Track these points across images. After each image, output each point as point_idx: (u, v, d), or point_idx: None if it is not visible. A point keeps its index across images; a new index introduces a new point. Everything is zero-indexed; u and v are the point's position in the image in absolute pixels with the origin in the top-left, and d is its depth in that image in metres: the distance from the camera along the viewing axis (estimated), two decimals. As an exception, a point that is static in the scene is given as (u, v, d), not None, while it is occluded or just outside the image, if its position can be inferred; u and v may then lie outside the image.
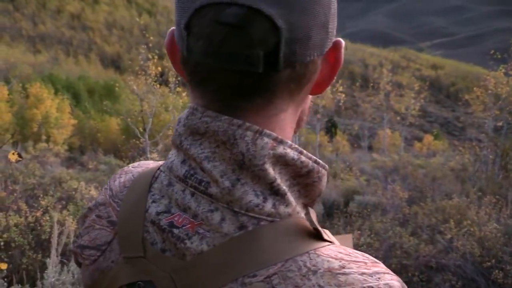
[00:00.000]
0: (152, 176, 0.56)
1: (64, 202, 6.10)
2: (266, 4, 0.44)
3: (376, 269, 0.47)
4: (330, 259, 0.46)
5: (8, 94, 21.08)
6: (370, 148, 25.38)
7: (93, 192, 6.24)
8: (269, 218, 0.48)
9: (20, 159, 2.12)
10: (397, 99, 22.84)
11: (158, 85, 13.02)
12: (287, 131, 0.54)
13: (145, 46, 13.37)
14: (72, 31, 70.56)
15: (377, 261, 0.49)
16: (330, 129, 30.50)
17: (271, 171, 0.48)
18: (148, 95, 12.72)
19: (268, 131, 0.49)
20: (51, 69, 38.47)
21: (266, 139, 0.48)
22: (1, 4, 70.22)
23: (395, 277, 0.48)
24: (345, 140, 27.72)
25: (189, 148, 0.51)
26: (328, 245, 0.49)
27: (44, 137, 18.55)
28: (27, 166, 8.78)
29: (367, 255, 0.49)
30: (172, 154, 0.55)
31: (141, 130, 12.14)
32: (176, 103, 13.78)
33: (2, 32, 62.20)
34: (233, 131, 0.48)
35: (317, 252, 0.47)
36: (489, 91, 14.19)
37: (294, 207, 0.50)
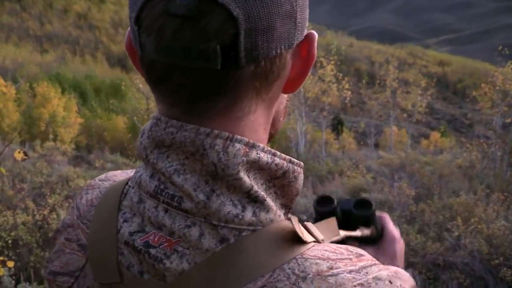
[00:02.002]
0: (121, 193, 0.53)
1: (71, 200, 6.14)
2: None
3: (361, 263, 0.45)
4: (318, 261, 0.44)
5: (16, 94, 21.22)
6: (376, 145, 25.28)
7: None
8: (250, 228, 0.45)
9: (26, 157, 2.14)
10: (403, 96, 22.72)
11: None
12: (259, 133, 0.50)
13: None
14: (78, 31, 70.89)
15: (362, 252, 0.48)
16: (336, 126, 30.41)
17: (247, 179, 0.45)
18: (154, 93, 12.77)
19: (239, 137, 0.45)
20: (58, 68, 38.65)
21: (237, 146, 0.45)
22: (8, 4, 70.68)
23: (382, 266, 0.46)
24: (351, 138, 27.61)
25: (156, 162, 0.47)
26: (313, 245, 0.46)
27: (51, 136, 18.67)
28: (34, 164, 8.84)
29: (350, 248, 0.48)
30: (140, 167, 0.51)
31: (147, 129, 12.18)
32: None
33: (10, 32, 62.62)
34: (201, 141, 0.45)
35: (304, 256, 0.44)
36: (497, 88, 14.08)
37: (275, 211, 0.47)
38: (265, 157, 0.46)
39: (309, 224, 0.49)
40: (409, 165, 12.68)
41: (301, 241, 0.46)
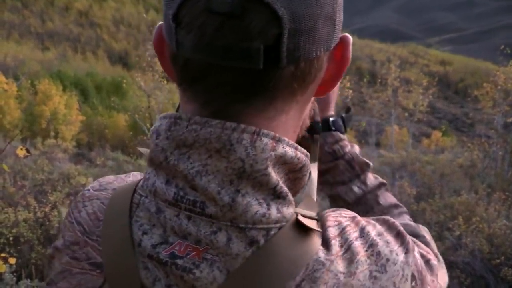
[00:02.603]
0: (130, 202, 0.49)
1: (72, 198, 6.15)
2: None
3: (360, 225, 0.49)
4: (333, 241, 0.47)
5: (17, 91, 21.24)
6: (377, 144, 25.27)
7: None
8: (277, 225, 0.45)
9: (28, 154, 2.14)
10: (405, 95, 22.71)
11: (165, 82, 13.05)
12: (289, 135, 0.49)
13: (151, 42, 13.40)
14: (80, 28, 70.89)
15: (353, 214, 0.51)
16: (338, 125, 30.34)
17: (274, 175, 0.44)
18: (156, 91, 12.76)
19: (265, 131, 0.44)
20: (59, 66, 38.68)
21: (265, 140, 0.44)
22: (9, 2, 70.67)
23: (371, 221, 0.51)
24: (353, 137, 27.64)
25: (178, 163, 0.45)
26: (327, 227, 0.48)
27: (52, 133, 18.69)
28: (35, 162, 8.86)
29: (343, 213, 0.51)
30: (149, 174, 0.48)
31: (149, 126, 12.19)
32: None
33: (11, 29, 62.65)
34: (228, 136, 0.43)
35: (325, 240, 0.47)
36: (499, 87, 14.07)
37: (293, 204, 0.48)
38: (290, 151, 0.46)
39: (299, 210, 0.49)
40: (410, 164, 12.68)
41: (313, 230, 0.47)
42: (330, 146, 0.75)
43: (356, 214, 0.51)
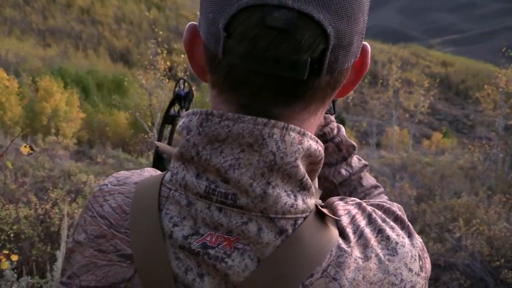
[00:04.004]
0: (159, 196, 0.51)
1: (73, 195, 6.15)
2: (315, 9, 0.43)
3: (366, 212, 0.53)
4: (348, 229, 0.50)
5: (18, 87, 21.23)
6: (378, 145, 25.27)
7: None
8: (303, 215, 0.48)
9: (32, 151, 2.14)
10: (406, 96, 22.70)
11: (167, 80, 13.05)
12: (312, 132, 0.53)
13: (154, 41, 13.38)
14: (81, 25, 70.84)
15: (357, 201, 0.55)
16: (338, 125, 30.34)
17: (302, 167, 0.48)
18: (157, 89, 12.75)
19: (292, 126, 0.48)
20: (61, 63, 38.66)
21: (292, 134, 0.47)
22: (11, -2, 70.62)
23: (371, 207, 0.55)
24: (353, 137, 27.63)
25: (210, 158, 0.47)
26: (339, 216, 0.52)
27: (53, 131, 18.68)
28: (36, 159, 8.85)
29: (349, 201, 0.55)
30: (177, 168, 0.51)
31: (150, 125, 12.18)
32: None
33: (13, 25, 62.61)
34: (260, 131, 0.46)
35: (340, 228, 0.50)
36: (500, 89, 14.06)
37: (315, 195, 0.51)
38: (314, 145, 0.49)
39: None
40: (411, 165, 12.68)
41: (331, 218, 0.51)
42: (321, 129, 0.78)
43: (359, 200, 0.55)
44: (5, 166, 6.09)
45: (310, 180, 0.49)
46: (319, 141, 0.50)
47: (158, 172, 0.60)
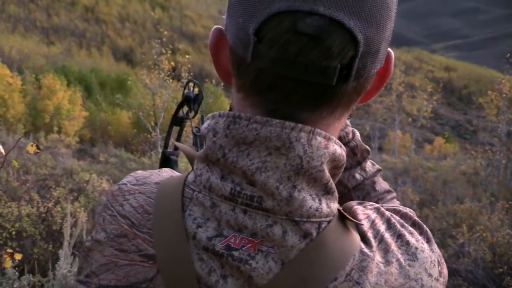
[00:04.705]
0: (182, 197, 0.51)
1: (75, 194, 6.15)
2: (346, 16, 0.44)
3: (385, 217, 0.53)
4: (369, 234, 0.51)
5: (21, 85, 21.27)
6: (380, 149, 25.26)
7: (105, 185, 6.27)
8: (327, 219, 0.49)
9: (39, 151, 2.13)
10: (409, 100, 22.69)
11: (170, 80, 13.05)
12: (336, 136, 0.54)
13: (159, 41, 13.38)
14: (85, 24, 70.99)
15: (375, 205, 0.55)
16: (340, 128, 30.36)
17: (327, 171, 0.48)
18: (161, 89, 12.76)
19: (319, 130, 0.48)
20: (64, 61, 38.76)
21: (319, 138, 0.48)
22: (16, -5, 70.83)
23: (389, 211, 0.55)
24: (355, 140, 27.55)
25: (236, 160, 0.48)
26: (360, 221, 0.52)
27: (55, 128, 18.71)
28: (39, 156, 8.86)
29: (367, 205, 0.55)
30: (201, 170, 0.51)
31: (153, 125, 12.18)
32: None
33: (17, 22, 62.77)
34: (287, 134, 0.47)
35: (361, 233, 0.51)
36: (504, 95, 14.04)
37: (337, 199, 0.51)
38: (338, 149, 0.49)
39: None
40: (413, 170, 12.67)
41: (348, 219, 0.51)
42: None
43: (378, 205, 0.55)
44: (7, 164, 6.09)
45: (334, 185, 0.50)
46: (342, 145, 0.51)
47: (176, 173, 0.61)
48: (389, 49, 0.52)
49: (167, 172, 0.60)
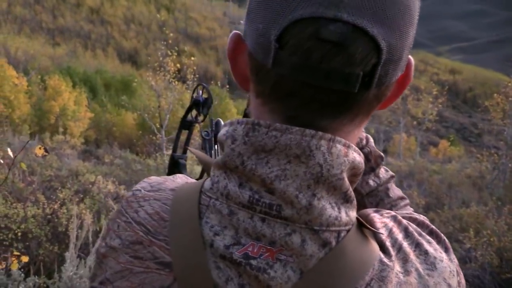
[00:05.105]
0: (198, 204, 0.51)
1: (81, 196, 6.16)
2: (370, 23, 0.43)
3: (402, 225, 0.53)
4: (387, 242, 0.50)
5: (27, 86, 21.37)
6: (385, 152, 25.19)
7: (110, 187, 6.28)
8: (346, 228, 0.48)
9: (46, 153, 2.14)
10: (414, 103, 22.62)
11: (176, 82, 13.08)
12: (354, 143, 0.53)
13: (164, 42, 13.41)
14: (90, 25, 71.28)
15: (392, 213, 0.55)
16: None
17: (347, 179, 0.48)
18: (166, 91, 12.78)
19: (339, 138, 0.48)
20: (69, 62, 38.90)
21: (339, 146, 0.47)
22: (22, -4, 71.21)
23: (406, 220, 0.55)
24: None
25: (255, 168, 0.47)
26: (377, 229, 0.51)
27: (61, 130, 18.78)
28: (45, 158, 8.88)
29: (384, 213, 0.55)
30: (218, 177, 0.50)
31: (158, 126, 12.20)
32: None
33: (23, 24, 63.11)
34: (308, 142, 0.46)
35: (380, 242, 0.50)
36: (510, 99, 13.97)
37: (356, 207, 0.51)
38: (357, 157, 0.49)
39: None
40: (418, 173, 12.63)
41: (367, 228, 0.51)
42: None
43: (394, 213, 0.55)
44: (13, 165, 6.12)
45: (353, 193, 0.49)
46: (361, 153, 0.50)
47: (190, 179, 0.60)
48: (409, 56, 0.52)
49: (181, 179, 0.60)
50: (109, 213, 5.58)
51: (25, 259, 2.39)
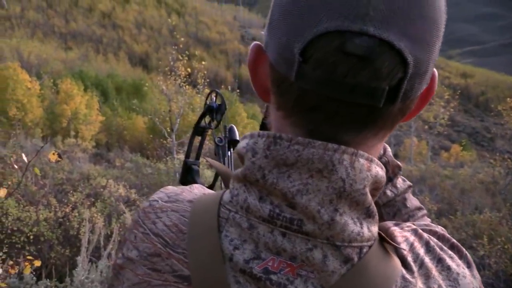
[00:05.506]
0: (217, 217, 0.50)
1: (92, 199, 6.19)
2: (396, 36, 0.42)
3: (424, 240, 0.52)
4: (409, 257, 0.49)
5: (40, 90, 21.63)
6: (395, 156, 25.05)
7: (122, 191, 6.31)
8: (369, 243, 0.47)
9: (60, 159, 2.15)
10: (426, 107, 22.42)
11: (186, 86, 13.14)
12: (376, 157, 0.53)
13: (175, 47, 13.48)
14: (102, 29, 72.02)
15: (412, 226, 0.54)
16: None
17: (369, 194, 0.47)
18: (177, 95, 12.84)
19: (361, 152, 0.47)
20: (81, 66, 39.33)
21: (361, 161, 0.46)
22: (35, 1, 72.24)
23: (426, 233, 0.54)
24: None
25: (276, 182, 0.46)
26: (398, 244, 0.50)
27: (72, 133, 18.97)
28: (58, 163, 8.95)
29: (404, 226, 0.53)
30: (237, 190, 0.50)
31: (168, 130, 12.25)
32: (203, 104, 13.77)
33: (36, 28, 63.98)
34: (330, 157, 0.45)
35: (401, 256, 0.49)
36: (524, 103, 13.82)
37: (378, 222, 0.50)
38: (380, 171, 0.48)
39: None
40: (430, 178, 12.51)
41: (389, 243, 0.50)
42: None
43: (415, 226, 0.54)
44: (27, 169, 6.17)
45: (375, 208, 0.48)
46: (383, 167, 0.49)
47: (207, 190, 0.59)
48: (434, 69, 0.51)
49: (198, 189, 0.59)
50: (120, 217, 5.60)
51: (37, 263, 2.40)
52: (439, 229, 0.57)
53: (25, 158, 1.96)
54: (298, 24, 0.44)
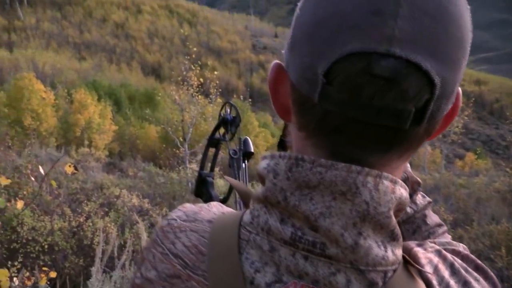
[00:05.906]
0: (238, 238, 0.49)
1: (105, 209, 6.23)
2: (423, 57, 0.41)
3: (448, 261, 0.50)
4: (434, 281, 0.48)
5: (54, 99, 21.93)
6: (409, 165, 24.85)
7: (135, 201, 6.34)
8: (393, 267, 0.46)
9: (76, 171, 2.16)
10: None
11: (199, 96, 13.21)
12: (399, 177, 0.51)
13: (188, 57, 13.58)
14: (115, 40, 72.97)
15: (436, 247, 0.52)
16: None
17: (394, 217, 0.45)
18: (189, 105, 12.92)
19: (385, 173, 0.45)
20: (95, 76, 39.83)
21: (386, 183, 0.45)
22: (50, 12, 73.55)
23: (450, 254, 0.52)
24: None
25: (299, 204, 0.45)
26: (422, 266, 0.49)
27: (86, 142, 19.16)
28: (74, 175, 9.03)
29: (428, 247, 0.52)
30: (258, 211, 0.49)
31: (181, 140, 12.31)
32: (215, 113, 13.93)
33: (50, 39, 65.06)
34: (354, 179, 0.44)
35: (426, 280, 0.48)
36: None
37: (402, 245, 0.49)
38: (404, 193, 0.47)
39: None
40: (444, 187, 12.34)
41: (413, 266, 0.49)
42: None
43: (438, 247, 0.53)
44: (43, 181, 6.22)
45: (399, 231, 0.47)
46: (407, 188, 0.48)
47: (225, 208, 0.59)
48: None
49: (217, 207, 0.58)
50: (133, 227, 5.61)
51: (53, 274, 2.41)
52: (462, 248, 0.56)
53: (41, 170, 1.97)
54: (322, 45, 0.44)
